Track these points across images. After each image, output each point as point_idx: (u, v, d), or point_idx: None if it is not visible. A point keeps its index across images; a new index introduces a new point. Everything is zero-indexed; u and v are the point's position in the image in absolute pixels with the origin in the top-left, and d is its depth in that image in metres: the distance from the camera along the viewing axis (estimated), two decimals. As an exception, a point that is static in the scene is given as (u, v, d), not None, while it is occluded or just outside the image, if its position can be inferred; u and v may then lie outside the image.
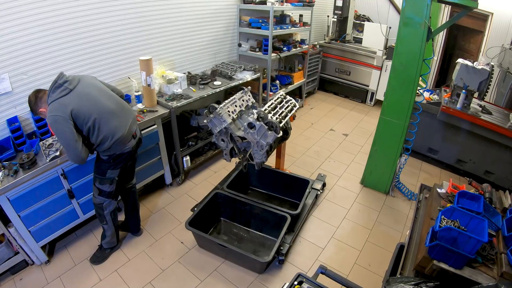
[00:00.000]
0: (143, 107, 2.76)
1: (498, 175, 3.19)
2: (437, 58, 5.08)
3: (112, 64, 2.84)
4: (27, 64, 2.26)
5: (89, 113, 1.83)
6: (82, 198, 2.36)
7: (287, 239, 2.43)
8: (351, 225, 2.79)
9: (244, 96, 2.61)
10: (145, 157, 2.76)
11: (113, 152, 2.00)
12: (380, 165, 3.08)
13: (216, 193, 2.64)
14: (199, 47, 3.69)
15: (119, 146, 1.98)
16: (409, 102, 2.68)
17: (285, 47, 4.36)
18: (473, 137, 3.20)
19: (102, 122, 1.88)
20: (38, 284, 2.16)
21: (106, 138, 1.91)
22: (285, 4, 4.12)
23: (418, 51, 2.46)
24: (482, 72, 2.93)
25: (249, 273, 2.29)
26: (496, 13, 4.13)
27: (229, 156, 2.45)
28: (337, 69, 5.60)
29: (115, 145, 1.96)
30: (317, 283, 1.59)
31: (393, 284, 1.41)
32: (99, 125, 1.87)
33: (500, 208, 1.80)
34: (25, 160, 1.98)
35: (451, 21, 2.70)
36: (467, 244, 1.36)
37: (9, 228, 2.04)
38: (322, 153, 3.91)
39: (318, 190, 3.01)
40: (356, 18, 5.85)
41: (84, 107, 1.82)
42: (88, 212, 2.45)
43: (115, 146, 1.97)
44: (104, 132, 1.90)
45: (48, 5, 2.26)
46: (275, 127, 2.14)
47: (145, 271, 2.29)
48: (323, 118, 4.91)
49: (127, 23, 2.83)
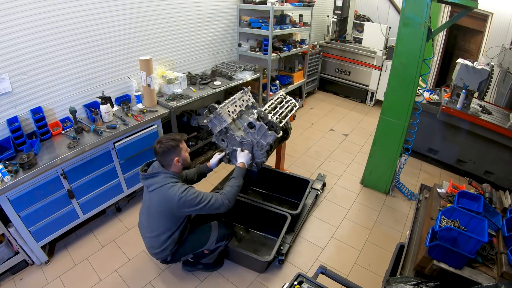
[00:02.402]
0: (143, 107, 2.76)
1: (498, 175, 3.19)
2: (437, 58, 5.08)
3: (112, 64, 2.84)
4: (27, 64, 2.26)
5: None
6: (82, 198, 2.36)
7: (287, 239, 2.43)
8: (351, 225, 2.79)
9: (244, 96, 2.61)
10: (145, 157, 2.76)
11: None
12: (380, 165, 3.08)
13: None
14: (199, 47, 3.69)
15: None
16: (409, 102, 2.68)
17: (285, 47, 4.36)
18: (473, 137, 3.20)
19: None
20: (38, 284, 2.16)
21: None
22: (285, 4, 4.12)
23: (418, 51, 2.46)
24: (482, 72, 2.93)
25: (249, 273, 2.29)
26: (496, 13, 4.13)
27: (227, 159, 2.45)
28: (337, 69, 5.60)
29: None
30: (317, 283, 1.59)
31: (393, 284, 1.41)
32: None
33: (500, 208, 1.80)
34: (25, 160, 1.98)
35: (451, 21, 2.70)
36: (467, 244, 1.36)
37: (9, 228, 2.03)
38: (322, 153, 3.91)
39: (318, 190, 3.01)
40: (356, 18, 5.85)
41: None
42: (88, 212, 2.46)
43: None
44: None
45: (48, 5, 2.26)
46: (275, 127, 2.14)
47: (145, 271, 2.28)
48: (323, 118, 4.91)
49: (127, 23, 2.83)
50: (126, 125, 2.50)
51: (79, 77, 2.63)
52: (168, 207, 1.81)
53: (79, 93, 2.66)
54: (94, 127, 2.38)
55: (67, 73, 2.52)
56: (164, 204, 1.81)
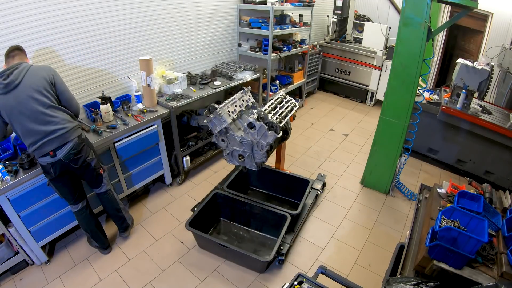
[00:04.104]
0: (143, 107, 2.76)
1: (498, 175, 3.19)
2: (437, 58, 5.08)
3: (112, 64, 2.84)
4: (27, 64, 2.26)
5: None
6: (82, 198, 2.36)
7: (287, 239, 2.43)
8: (351, 225, 2.79)
9: (244, 96, 2.61)
10: (145, 157, 2.77)
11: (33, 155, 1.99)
12: (380, 165, 3.08)
13: (216, 193, 2.64)
14: (199, 47, 3.69)
15: (34, 152, 1.91)
16: (409, 102, 2.68)
17: (285, 47, 4.36)
18: (473, 137, 3.20)
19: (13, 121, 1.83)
20: (38, 284, 2.16)
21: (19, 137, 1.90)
22: (285, 4, 4.12)
23: (418, 51, 2.46)
24: (482, 72, 2.94)
25: (249, 273, 2.29)
26: (496, 13, 4.13)
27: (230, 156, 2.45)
28: (337, 69, 5.60)
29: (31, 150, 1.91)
30: (317, 283, 1.59)
31: (393, 284, 1.41)
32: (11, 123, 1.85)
33: (500, 208, 1.80)
34: (25, 160, 1.98)
35: (451, 21, 2.70)
36: (467, 244, 1.36)
37: (9, 228, 2.04)
38: (322, 153, 3.91)
39: (318, 190, 3.01)
40: (356, 18, 5.85)
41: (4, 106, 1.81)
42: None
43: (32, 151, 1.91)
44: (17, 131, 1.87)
45: (48, 5, 2.26)
46: (275, 127, 2.14)
47: (145, 271, 2.28)
48: (323, 118, 4.91)
49: (127, 23, 2.83)
50: (126, 125, 2.50)
51: (79, 77, 2.63)
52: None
53: (79, 93, 2.66)
54: (94, 127, 2.38)
55: (67, 73, 2.51)
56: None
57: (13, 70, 1.80)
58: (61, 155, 1.92)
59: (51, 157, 1.90)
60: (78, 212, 2.19)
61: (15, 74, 1.80)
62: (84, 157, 2.04)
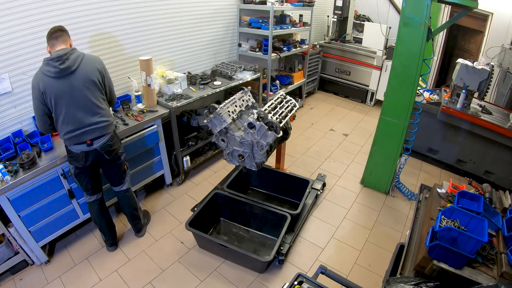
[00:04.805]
0: (143, 107, 2.76)
1: (498, 175, 3.19)
2: (437, 58, 5.08)
3: (112, 64, 2.84)
4: (27, 64, 2.26)
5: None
6: (82, 198, 2.35)
7: (287, 239, 2.43)
8: (351, 225, 2.79)
9: (244, 96, 2.61)
10: (145, 157, 2.76)
11: (65, 144, 1.99)
12: (380, 165, 3.08)
13: (216, 193, 2.64)
14: (199, 47, 3.69)
15: (69, 139, 1.91)
16: (409, 102, 2.68)
17: (285, 47, 4.36)
18: (473, 137, 3.20)
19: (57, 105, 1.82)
20: (38, 284, 2.16)
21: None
22: (285, 4, 4.12)
23: (418, 51, 2.46)
24: (482, 72, 2.94)
25: (249, 273, 2.29)
26: (496, 13, 4.13)
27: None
28: (337, 69, 5.60)
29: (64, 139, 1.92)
30: (317, 283, 1.59)
31: (393, 284, 1.41)
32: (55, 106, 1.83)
33: (500, 208, 1.80)
34: (25, 160, 1.98)
35: (451, 21, 2.70)
36: (467, 244, 1.36)
37: (9, 228, 2.04)
38: (322, 153, 3.91)
39: (318, 190, 3.01)
40: (356, 18, 5.85)
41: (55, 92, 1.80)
42: (88, 212, 2.45)
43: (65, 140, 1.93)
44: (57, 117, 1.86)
45: (48, 5, 2.26)
46: (275, 127, 2.14)
47: (145, 271, 2.28)
48: (323, 118, 4.91)
49: (127, 23, 2.83)
50: (126, 125, 2.50)
51: (79, 77, 2.63)
52: None
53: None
54: (94, 127, 2.37)
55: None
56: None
57: (69, 55, 1.78)
58: (97, 145, 1.97)
59: (88, 145, 1.94)
60: (91, 203, 2.23)
61: (71, 59, 1.78)
62: (116, 150, 2.11)
